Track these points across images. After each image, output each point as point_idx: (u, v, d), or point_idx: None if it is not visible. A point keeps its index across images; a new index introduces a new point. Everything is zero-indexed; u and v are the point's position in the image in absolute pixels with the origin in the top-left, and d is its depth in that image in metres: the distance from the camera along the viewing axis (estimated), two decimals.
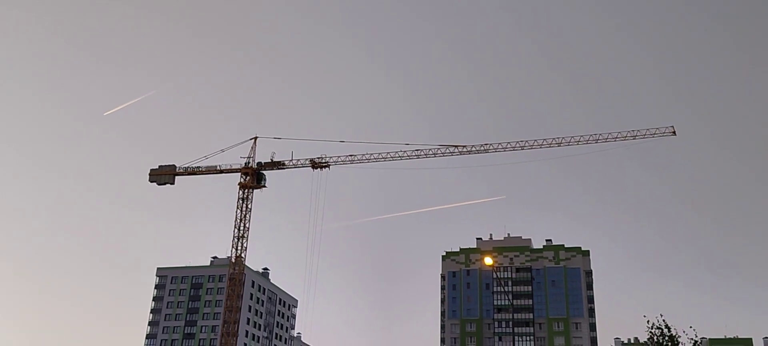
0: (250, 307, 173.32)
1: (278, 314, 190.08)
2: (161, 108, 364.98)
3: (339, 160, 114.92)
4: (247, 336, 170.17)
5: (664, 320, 35.36)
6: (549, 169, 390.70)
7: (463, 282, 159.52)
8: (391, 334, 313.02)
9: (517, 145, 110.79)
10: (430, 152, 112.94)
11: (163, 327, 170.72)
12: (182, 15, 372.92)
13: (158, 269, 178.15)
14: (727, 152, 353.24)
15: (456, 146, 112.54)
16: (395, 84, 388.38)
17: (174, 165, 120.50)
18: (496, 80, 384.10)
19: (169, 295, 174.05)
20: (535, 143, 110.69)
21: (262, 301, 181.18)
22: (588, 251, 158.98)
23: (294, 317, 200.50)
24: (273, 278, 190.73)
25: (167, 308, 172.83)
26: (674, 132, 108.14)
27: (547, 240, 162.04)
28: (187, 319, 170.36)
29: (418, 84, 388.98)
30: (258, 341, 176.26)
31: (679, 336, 35.02)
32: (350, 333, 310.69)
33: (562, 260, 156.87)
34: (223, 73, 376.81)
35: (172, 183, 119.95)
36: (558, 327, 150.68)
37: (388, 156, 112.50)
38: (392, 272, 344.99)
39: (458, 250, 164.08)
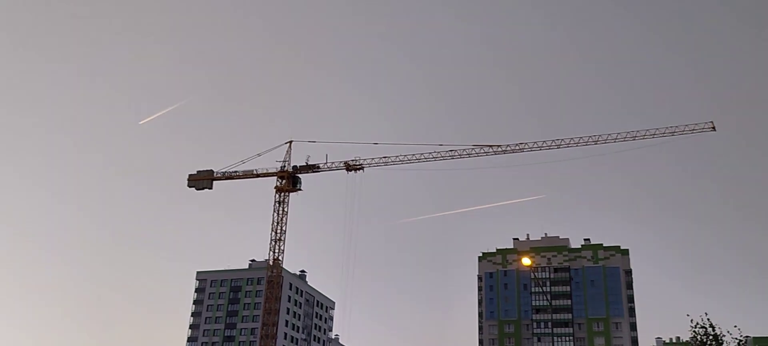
0: (288, 309, 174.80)
1: (316, 316, 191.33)
2: (197, 115, 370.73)
3: (373, 162, 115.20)
4: (285, 338, 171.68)
5: (708, 319, 34.68)
6: (586, 167, 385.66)
7: (500, 283, 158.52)
8: (429, 335, 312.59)
9: (554, 143, 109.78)
10: (465, 153, 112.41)
11: (204, 330, 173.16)
12: (213, 23, 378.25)
13: (198, 272, 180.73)
14: (767, 146, 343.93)
15: (491, 146, 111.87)
16: (428, 85, 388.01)
17: (212, 170, 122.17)
18: (530, 78, 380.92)
19: (208, 298, 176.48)
20: (572, 142, 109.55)
21: (300, 303, 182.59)
22: (627, 250, 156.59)
23: (331, 319, 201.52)
24: (310, 281, 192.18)
25: (207, 311, 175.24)
26: (713, 127, 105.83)
27: (585, 240, 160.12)
28: (227, 322, 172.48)
29: (451, 84, 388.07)
30: (296, 344, 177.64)
31: (724, 335, 34.31)
32: (388, 335, 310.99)
33: (600, 260, 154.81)
34: (257, 78, 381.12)
35: (210, 188, 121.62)
36: (598, 327, 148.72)
37: (422, 157, 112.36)
38: (428, 274, 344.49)
39: (495, 250, 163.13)
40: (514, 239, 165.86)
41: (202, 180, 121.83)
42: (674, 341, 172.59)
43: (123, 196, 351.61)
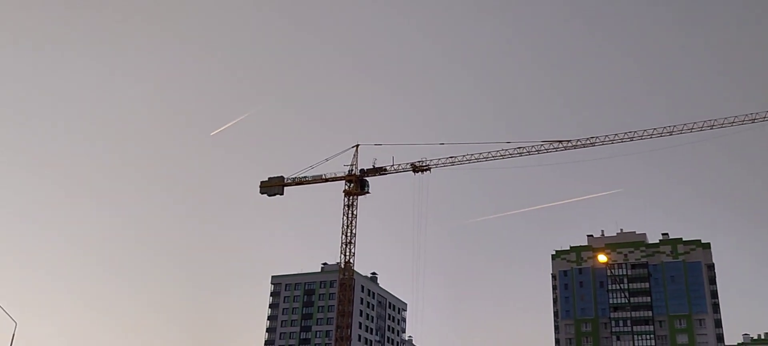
0: (361, 312, 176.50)
1: (389, 318, 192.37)
2: (266, 123, 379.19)
3: (439, 162, 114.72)
4: (359, 340, 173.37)
5: None
6: (661, 160, 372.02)
7: (575, 281, 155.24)
8: (503, 335, 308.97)
9: (626, 136, 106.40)
10: (534, 149, 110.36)
11: (280, 333, 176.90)
12: (277, 32, 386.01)
13: (273, 276, 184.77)
14: None
15: (560, 141, 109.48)
16: (493, 82, 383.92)
17: (282, 176, 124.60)
18: (600, 70, 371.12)
19: (284, 301, 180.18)
20: (645, 133, 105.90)
21: (373, 305, 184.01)
22: (708, 244, 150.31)
23: (404, 320, 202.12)
24: (381, 283, 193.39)
25: (283, 314, 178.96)
26: None
27: (662, 234, 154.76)
28: (302, 324, 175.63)
29: (517, 80, 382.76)
30: (370, 345, 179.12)
31: None
32: (461, 335, 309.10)
33: (680, 255, 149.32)
34: (323, 84, 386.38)
35: (282, 194, 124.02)
36: (680, 324, 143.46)
37: (490, 156, 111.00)
38: (501, 273, 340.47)
39: (569, 248, 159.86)
40: (588, 235, 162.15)
41: (273, 186, 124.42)
42: (763, 337, 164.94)
43: (198, 206, 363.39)
